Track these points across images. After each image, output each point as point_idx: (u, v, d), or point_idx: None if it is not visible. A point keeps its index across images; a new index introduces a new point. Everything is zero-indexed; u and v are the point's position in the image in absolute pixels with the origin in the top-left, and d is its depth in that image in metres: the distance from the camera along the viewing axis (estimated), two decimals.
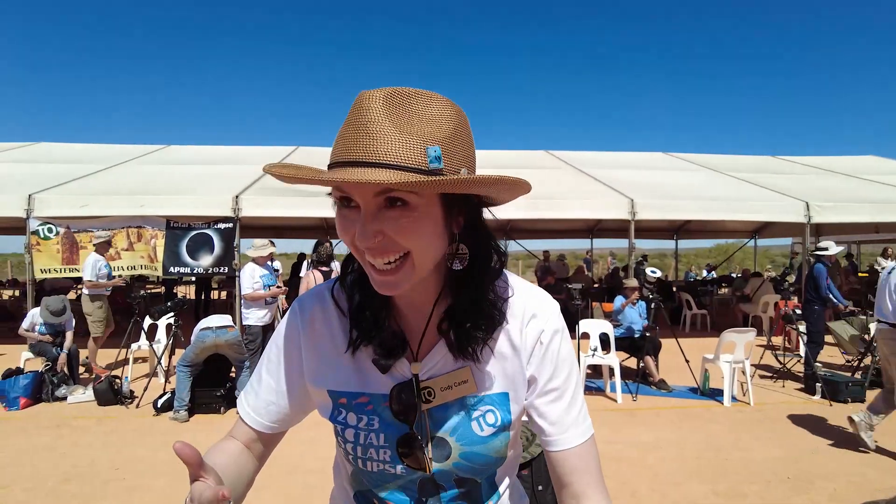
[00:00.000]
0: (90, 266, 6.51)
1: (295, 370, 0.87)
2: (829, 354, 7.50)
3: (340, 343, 0.83)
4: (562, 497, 0.83)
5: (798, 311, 6.66)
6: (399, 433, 0.80)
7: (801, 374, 6.38)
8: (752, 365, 5.98)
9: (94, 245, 6.79)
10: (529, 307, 0.83)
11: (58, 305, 5.83)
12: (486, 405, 0.81)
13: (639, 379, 6.03)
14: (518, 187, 0.71)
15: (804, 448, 4.31)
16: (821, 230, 12.11)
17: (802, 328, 6.41)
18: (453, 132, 0.69)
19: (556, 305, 0.86)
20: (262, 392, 0.88)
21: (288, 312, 0.90)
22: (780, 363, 6.65)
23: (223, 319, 5.28)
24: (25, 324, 5.90)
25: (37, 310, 5.92)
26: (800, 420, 5.04)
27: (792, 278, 12.24)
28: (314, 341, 0.85)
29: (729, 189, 9.74)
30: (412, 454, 0.80)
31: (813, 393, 5.80)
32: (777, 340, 7.87)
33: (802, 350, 6.45)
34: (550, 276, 11.95)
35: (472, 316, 0.78)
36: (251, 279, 5.71)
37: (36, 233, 7.58)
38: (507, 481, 0.90)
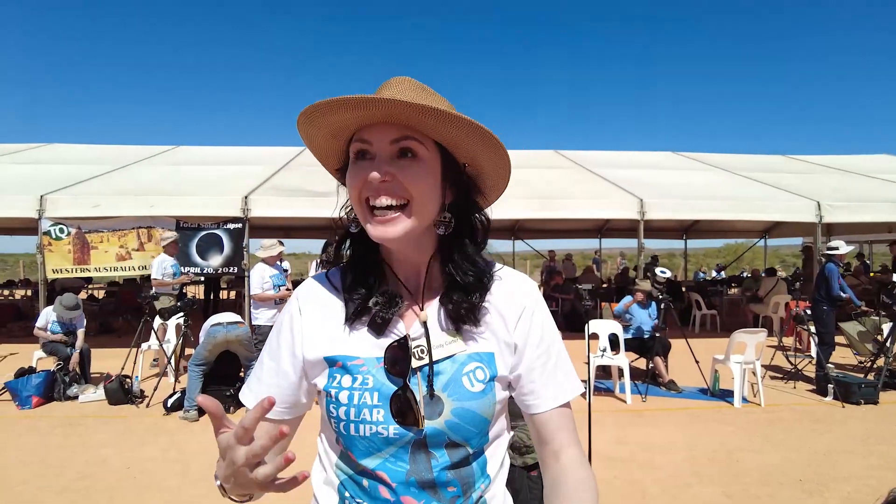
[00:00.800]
0: (156, 265, 6.66)
1: (296, 349, 0.90)
2: (842, 355, 7.44)
3: (338, 314, 0.89)
4: (543, 453, 0.90)
5: (809, 312, 6.61)
6: (392, 391, 0.83)
7: (812, 376, 6.32)
8: (762, 366, 5.94)
9: (161, 245, 6.94)
10: (512, 281, 0.93)
11: (71, 301, 5.90)
12: (475, 362, 0.86)
13: (648, 380, 6.01)
14: (501, 152, 0.85)
15: (816, 450, 4.27)
16: (832, 230, 12.01)
17: (814, 329, 6.35)
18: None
19: (534, 283, 0.96)
20: (265, 376, 0.92)
21: (289, 299, 0.96)
22: (792, 364, 6.60)
23: (233, 317, 5.31)
24: (40, 322, 5.95)
25: (50, 308, 5.97)
26: (811, 422, 5.00)
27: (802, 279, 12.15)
28: (311, 317, 0.90)
29: (739, 188, 9.67)
30: (405, 410, 0.81)
31: (825, 394, 5.74)
32: (788, 341, 7.81)
33: (814, 351, 6.39)
34: (557, 276, 11.92)
35: (467, 283, 0.87)
36: (261, 279, 5.73)
37: (48, 233, 7.66)
38: (497, 469, 0.91)
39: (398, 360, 0.84)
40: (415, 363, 0.85)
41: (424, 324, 0.87)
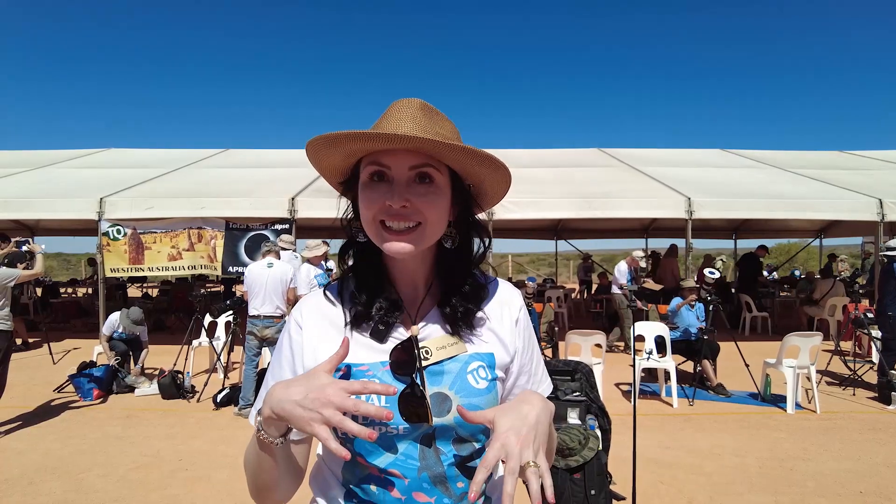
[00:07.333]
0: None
1: (297, 366, 0.91)
2: None
3: (338, 325, 0.92)
4: None
5: (870, 315, 6.27)
6: (399, 391, 0.85)
7: (873, 382, 6.01)
8: (818, 371, 5.69)
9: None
10: (505, 292, 1.01)
11: (138, 315, 6.17)
12: (476, 361, 0.91)
13: (696, 383, 5.84)
14: (502, 170, 0.88)
15: (879, 461, 4.06)
16: None
17: (875, 333, 6.03)
18: (458, 136, 0.92)
19: (519, 293, 1.04)
20: None
21: (287, 320, 0.98)
22: (850, 370, 6.29)
23: (270, 309, 5.30)
24: (106, 330, 6.21)
25: (116, 315, 6.21)
26: (873, 431, 4.76)
27: (863, 280, 11.56)
28: (311, 330, 0.93)
29: (792, 186, 9.29)
30: (414, 407, 0.84)
31: (888, 402, 5.45)
32: (846, 345, 7.45)
33: (875, 356, 6.07)
34: (602, 276, 11.70)
35: (463, 292, 0.94)
36: (307, 279, 5.86)
37: (106, 234, 8.03)
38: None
39: (403, 361, 0.87)
40: (419, 363, 0.88)
41: (413, 337, 0.90)
